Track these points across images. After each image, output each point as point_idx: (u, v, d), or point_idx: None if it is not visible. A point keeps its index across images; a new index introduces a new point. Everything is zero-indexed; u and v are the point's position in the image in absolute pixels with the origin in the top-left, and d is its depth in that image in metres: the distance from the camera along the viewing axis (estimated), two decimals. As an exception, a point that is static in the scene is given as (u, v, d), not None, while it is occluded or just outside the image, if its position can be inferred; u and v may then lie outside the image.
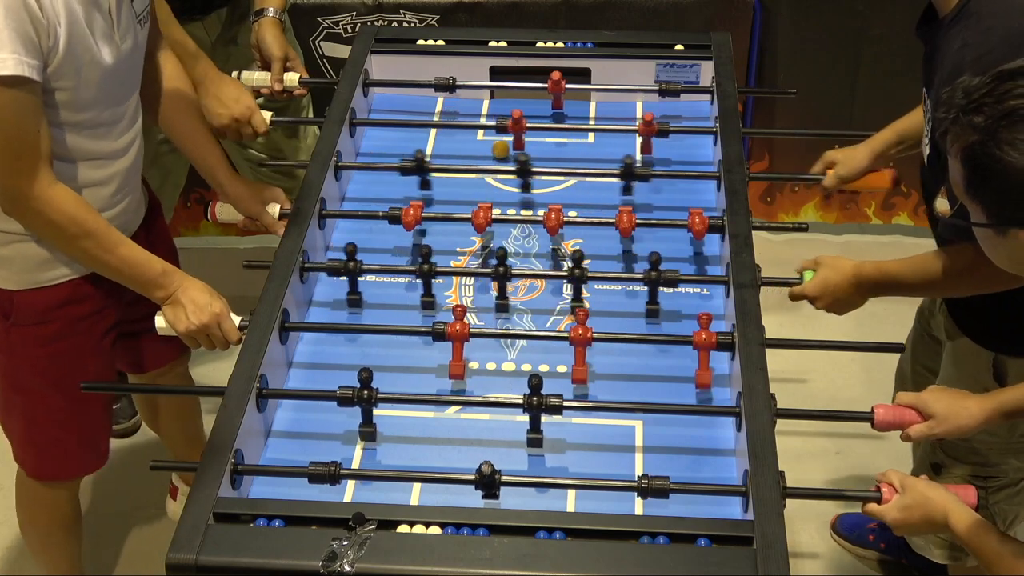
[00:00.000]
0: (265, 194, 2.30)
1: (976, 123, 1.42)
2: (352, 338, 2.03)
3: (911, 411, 1.80)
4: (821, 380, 3.16)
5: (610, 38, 2.64)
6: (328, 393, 1.85)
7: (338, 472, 1.71)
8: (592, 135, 2.50)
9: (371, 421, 1.84)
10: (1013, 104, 1.40)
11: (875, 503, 1.70)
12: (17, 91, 1.77)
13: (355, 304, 2.10)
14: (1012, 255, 1.49)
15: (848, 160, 2.30)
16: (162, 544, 1.60)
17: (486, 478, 1.68)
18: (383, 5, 3.20)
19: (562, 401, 1.79)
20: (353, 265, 2.06)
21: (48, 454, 2.22)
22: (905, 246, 3.63)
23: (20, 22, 1.74)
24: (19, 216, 1.91)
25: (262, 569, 1.56)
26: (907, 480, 1.68)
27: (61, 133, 1.91)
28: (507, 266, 2.04)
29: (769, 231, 3.19)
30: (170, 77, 2.22)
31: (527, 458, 1.83)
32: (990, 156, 1.41)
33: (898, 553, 2.66)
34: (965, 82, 1.47)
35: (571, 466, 1.82)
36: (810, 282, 2.04)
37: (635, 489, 1.69)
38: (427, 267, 2.05)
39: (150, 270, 1.99)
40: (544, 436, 1.83)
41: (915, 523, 1.67)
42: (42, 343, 2.08)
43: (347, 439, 1.86)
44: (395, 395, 1.85)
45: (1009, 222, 1.44)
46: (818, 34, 3.35)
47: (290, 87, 2.52)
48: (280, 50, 2.50)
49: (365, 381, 1.81)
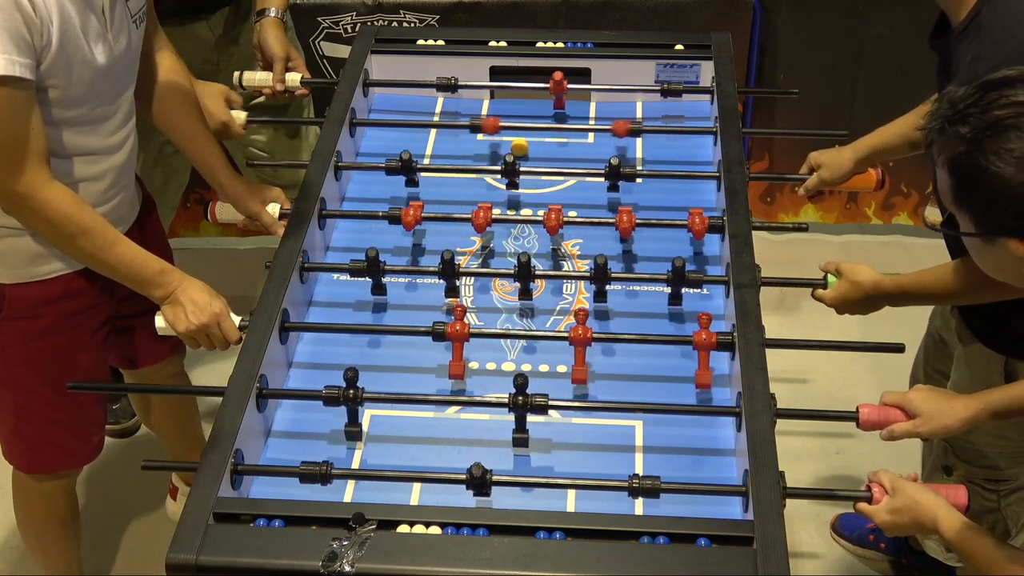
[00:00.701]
0: (265, 194, 2.30)
1: (962, 133, 1.44)
2: (352, 338, 2.03)
3: (896, 410, 1.81)
4: (821, 380, 3.16)
5: (610, 38, 2.64)
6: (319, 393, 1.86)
7: (329, 472, 1.71)
8: (592, 135, 2.50)
9: (357, 420, 1.84)
10: (998, 114, 1.42)
11: (866, 503, 1.70)
12: (9, 90, 1.77)
13: (381, 307, 2.10)
14: (1000, 263, 1.50)
15: (832, 163, 2.32)
16: (162, 544, 1.60)
17: (476, 479, 1.68)
18: (383, 5, 3.20)
19: (547, 400, 1.79)
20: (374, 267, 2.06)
21: (38, 448, 2.22)
22: (905, 246, 3.64)
23: (12, 21, 1.74)
24: (15, 214, 1.92)
25: (262, 569, 1.56)
26: (897, 482, 1.68)
27: (51, 129, 1.91)
28: (532, 267, 2.04)
29: (769, 231, 3.19)
30: (168, 76, 2.21)
31: (527, 458, 1.83)
32: (976, 166, 1.43)
33: (898, 553, 2.66)
34: (951, 93, 1.48)
35: (571, 466, 1.81)
36: (829, 293, 2.06)
37: (625, 489, 1.69)
38: (450, 270, 2.04)
39: (147, 269, 1.99)
40: (545, 437, 1.83)
41: (904, 526, 1.68)
42: (34, 337, 2.08)
43: (347, 439, 1.86)
44: (383, 395, 1.86)
45: (997, 231, 1.46)
46: (818, 34, 3.36)
47: (292, 87, 2.52)
48: (282, 50, 2.50)
49: (351, 380, 1.81)
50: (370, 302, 2.11)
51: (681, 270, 2.01)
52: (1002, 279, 1.54)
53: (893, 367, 2.49)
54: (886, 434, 1.81)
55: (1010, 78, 1.44)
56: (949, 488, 1.70)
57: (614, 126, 2.37)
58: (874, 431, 1.83)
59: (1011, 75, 1.44)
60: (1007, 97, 1.42)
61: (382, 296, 2.10)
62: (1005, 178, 1.41)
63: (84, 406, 2.21)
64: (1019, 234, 1.44)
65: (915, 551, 2.57)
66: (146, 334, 2.25)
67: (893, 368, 2.50)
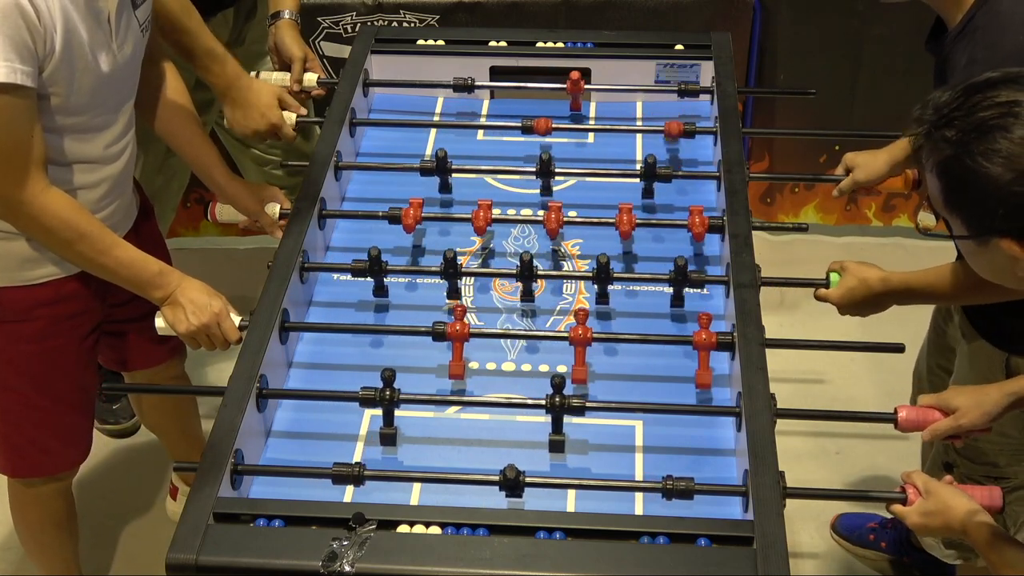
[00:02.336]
0: (263, 194, 2.30)
1: (948, 137, 1.45)
2: (352, 338, 2.03)
3: (934, 411, 1.81)
4: (821, 380, 3.16)
5: (610, 38, 2.64)
6: (329, 393, 1.86)
7: (362, 473, 1.70)
8: (592, 135, 2.50)
9: (392, 423, 1.83)
10: (982, 115, 1.43)
11: (900, 504, 1.69)
12: (9, 98, 1.77)
13: (382, 307, 2.09)
14: (993, 264, 1.51)
15: (867, 166, 2.31)
16: (162, 544, 1.60)
17: (510, 480, 1.67)
18: (383, 5, 3.20)
19: (584, 402, 1.78)
20: (375, 267, 2.05)
21: (25, 453, 2.21)
22: (905, 247, 3.63)
23: (16, 29, 1.74)
24: (12, 220, 1.91)
25: (262, 569, 1.56)
26: (931, 484, 1.67)
27: (51, 137, 1.91)
28: (534, 267, 2.03)
29: (769, 231, 3.20)
30: (167, 82, 2.22)
31: (527, 458, 1.83)
32: (964, 168, 1.44)
33: (898, 553, 2.66)
34: (935, 98, 1.50)
35: (571, 466, 1.81)
36: (835, 290, 2.05)
37: (659, 490, 1.68)
38: (452, 269, 2.04)
39: (146, 271, 1.99)
40: (545, 437, 1.83)
41: (935, 528, 1.67)
42: (23, 341, 2.08)
43: (347, 439, 1.86)
44: (415, 396, 1.84)
45: (989, 231, 1.46)
46: (818, 34, 3.36)
47: (308, 87, 2.52)
48: (301, 50, 2.51)
49: (388, 380, 1.80)
50: (370, 302, 2.11)
51: (683, 269, 2.00)
52: (997, 281, 1.55)
53: (893, 367, 2.49)
54: (928, 434, 1.81)
55: (993, 80, 1.45)
56: (983, 490, 1.69)
57: (666, 127, 2.36)
58: (908, 432, 1.82)
59: (994, 77, 1.45)
60: (990, 98, 1.43)
61: (383, 297, 2.10)
62: (993, 178, 1.42)
63: (73, 411, 2.21)
64: (1011, 233, 1.44)
65: (915, 548, 2.57)
66: (141, 338, 2.25)
67: (893, 368, 2.50)
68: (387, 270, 2.07)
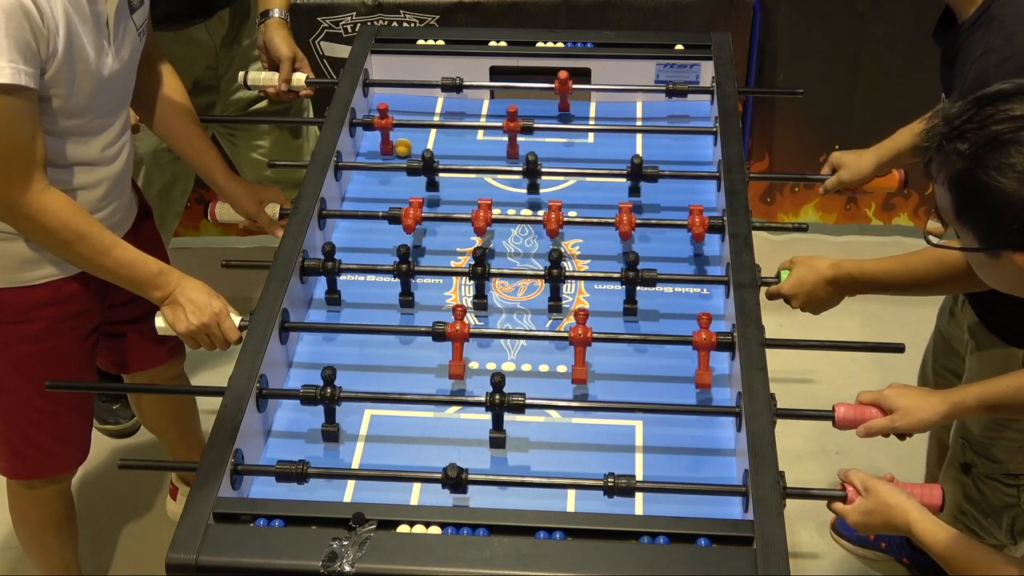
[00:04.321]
0: (263, 194, 2.30)
1: (961, 150, 1.43)
2: (352, 338, 2.03)
3: (872, 408, 1.82)
4: (821, 380, 3.16)
5: (610, 38, 2.64)
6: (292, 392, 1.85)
7: (305, 471, 1.71)
8: (592, 135, 2.50)
9: (334, 420, 1.84)
10: (996, 129, 1.41)
11: (840, 502, 1.71)
12: (12, 99, 1.77)
13: (334, 303, 2.09)
14: (1005, 277, 1.50)
15: (853, 164, 2.30)
16: (162, 544, 1.60)
17: (451, 479, 1.68)
18: (383, 5, 3.20)
19: (524, 400, 1.79)
20: (332, 265, 2.05)
21: (25, 454, 2.21)
22: (905, 247, 3.60)
23: (20, 30, 1.74)
24: (11, 221, 1.91)
25: (262, 569, 1.56)
26: (869, 482, 1.68)
27: (50, 139, 1.91)
28: (485, 265, 2.04)
29: (769, 231, 3.19)
30: (165, 82, 2.23)
31: (527, 458, 1.83)
32: (978, 182, 1.42)
33: (899, 553, 2.66)
34: (945, 109, 1.48)
35: (571, 466, 1.81)
36: (786, 281, 2.04)
37: (600, 487, 1.69)
38: (405, 267, 2.04)
39: (145, 271, 1.99)
40: (546, 438, 1.83)
41: (876, 526, 1.68)
42: (22, 341, 2.08)
43: (347, 439, 1.86)
44: (359, 394, 1.85)
45: (1002, 245, 1.45)
46: (818, 34, 3.36)
47: (297, 87, 2.52)
48: (289, 50, 2.51)
49: (328, 379, 1.81)
50: (371, 302, 2.11)
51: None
52: (1007, 291, 1.54)
53: (894, 367, 2.49)
54: (862, 431, 1.81)
55: (1005, 92, 1.43)
56: (924, 488, 1.70)
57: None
58: (847, 429, 1.83)
59: (1006, 89, 1.43)
60: (1004, 112, 1.41)
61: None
62: (1008, 193, 1.40)
63: (70, 412, 2.21)
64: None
65: (916, 549, 2.56)
66: (139, 339, 2.25)
67: (894, 368, 2.50)
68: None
